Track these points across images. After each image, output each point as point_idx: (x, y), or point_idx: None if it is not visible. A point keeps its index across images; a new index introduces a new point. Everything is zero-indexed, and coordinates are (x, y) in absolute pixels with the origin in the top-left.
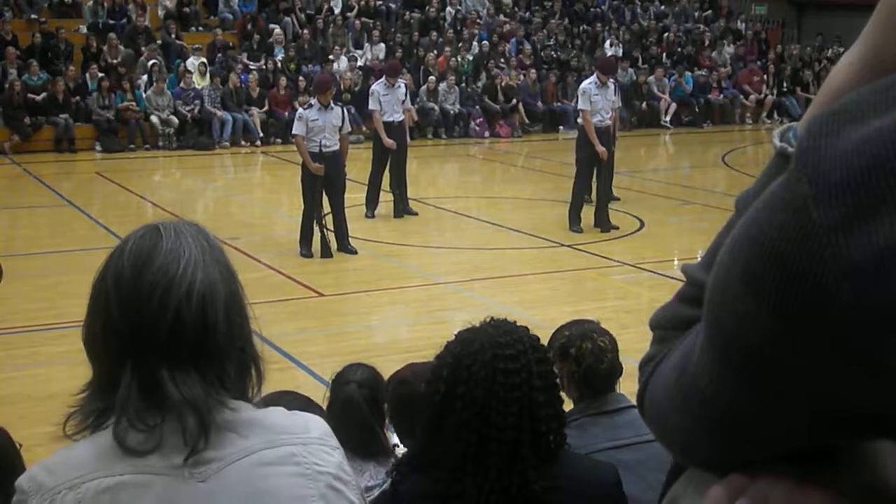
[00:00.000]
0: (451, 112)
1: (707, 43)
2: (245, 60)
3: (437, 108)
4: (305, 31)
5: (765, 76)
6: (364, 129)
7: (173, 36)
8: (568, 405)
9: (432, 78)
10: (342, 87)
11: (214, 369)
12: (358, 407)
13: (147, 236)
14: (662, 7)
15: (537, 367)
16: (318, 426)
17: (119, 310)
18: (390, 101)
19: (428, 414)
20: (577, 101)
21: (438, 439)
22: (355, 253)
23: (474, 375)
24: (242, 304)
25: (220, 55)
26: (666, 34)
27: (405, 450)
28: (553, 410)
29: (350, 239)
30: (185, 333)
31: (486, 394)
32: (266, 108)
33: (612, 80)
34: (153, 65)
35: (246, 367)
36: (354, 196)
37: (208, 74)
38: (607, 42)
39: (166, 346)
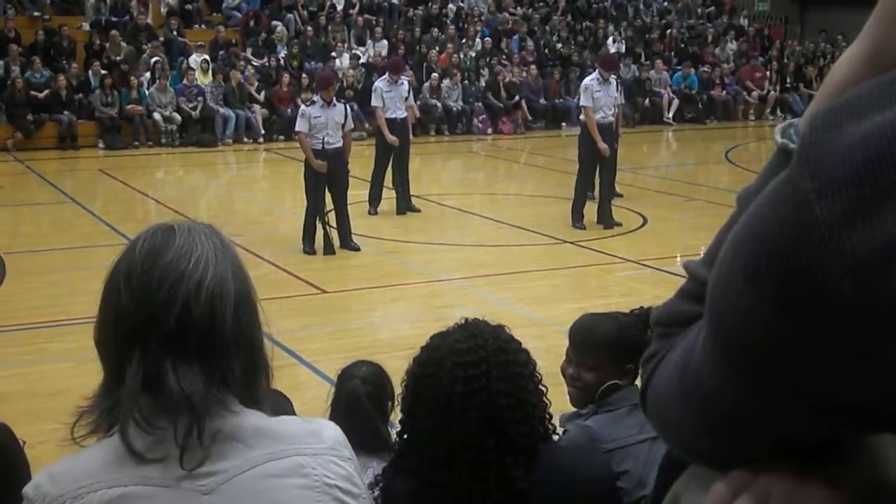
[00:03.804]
0: (454, 109)
1: (710, 39)
2: (249, 56)
3: (439, 104)
4: (308, 28)
5: (768, 72)
6: (367, 125)
7: (176, 33)
8: None
9: (435, 75)
10: (345, 83)
11: (218, 365)
12: (361, 403)
13: (159, 233)
14: (665, 3)
15: (498, 371)
16: (330, 435)
17: (129, 302)
18: (393, 98)
19: (401, 421)
20: (579, 98)
21: (411, 445)
22: (358, 250)
23: (437, 383)
24: (253, 306)
25: (222, 52)
26: (669, 30)
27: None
28: (520, 414)
29: (353, 236)
30: (192, 326)
31: (447, 401)
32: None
33: (614, 76)
34: (156, 62)
35: (254, 370)
36: (357, 193)
37: (211, 71)
38: (610, 38)
39: (173, 337)
